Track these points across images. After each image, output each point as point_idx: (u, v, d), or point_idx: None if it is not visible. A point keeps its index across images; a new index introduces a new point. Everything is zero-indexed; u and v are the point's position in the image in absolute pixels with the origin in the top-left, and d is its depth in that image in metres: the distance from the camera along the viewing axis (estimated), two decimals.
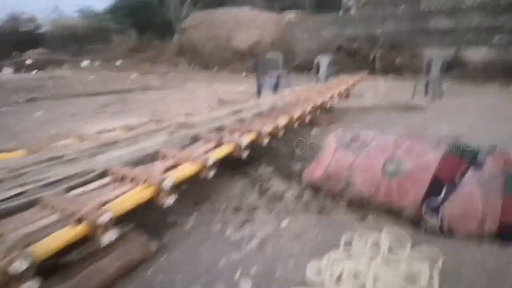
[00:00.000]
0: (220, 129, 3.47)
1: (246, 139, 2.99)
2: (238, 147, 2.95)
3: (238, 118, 3.81)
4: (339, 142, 2.71)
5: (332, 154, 2.66)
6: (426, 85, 7.17)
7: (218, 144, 2.97)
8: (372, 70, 10.69)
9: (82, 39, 19.36)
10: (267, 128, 3.38)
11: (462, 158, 2.33)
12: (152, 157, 2.73)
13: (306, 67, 11.53)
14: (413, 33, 10.94)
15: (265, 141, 3.30)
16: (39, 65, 14.66)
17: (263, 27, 13.60)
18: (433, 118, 5.32)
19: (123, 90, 9.13)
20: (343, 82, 6.34)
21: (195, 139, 3.12)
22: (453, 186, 2.25)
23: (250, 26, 13.80)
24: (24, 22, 20.80)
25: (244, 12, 14.35)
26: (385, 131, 4.96)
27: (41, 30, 21.25)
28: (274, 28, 13.68)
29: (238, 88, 9.23)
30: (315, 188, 2.85)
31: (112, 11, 21.49)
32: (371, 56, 11.11)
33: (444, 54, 7.56)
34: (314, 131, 4.95)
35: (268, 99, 5.21)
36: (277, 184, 3.07)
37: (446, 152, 2.37)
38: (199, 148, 2.89)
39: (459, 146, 2.43)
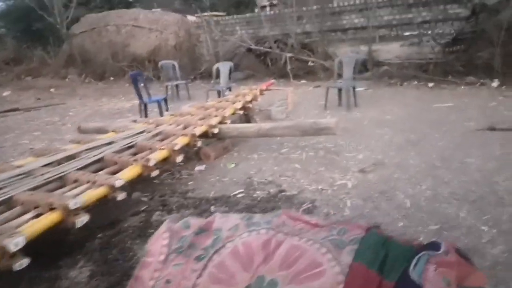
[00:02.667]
0: (6, 204, 2.10)
1: (22, 238, 1.67)
2: (5, 253, 1.62)
3: (57, 173, 2.46)
4: (173, 241, 1.48)
5: (157, 267, 1.42)
6: (339, 92, 6.27)
7: None
8: (285, 75, 9.74)
9: None
10: (84, 198, 2.08)
11: (381, 274, 1.24)
12: None
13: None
14: (326, 32, 10.56)
15: (80, 221, 2.00)
16: None
17: (165, 30, 12.06)
18: (346, 138, 4.33)
19: None
20: (242, 95, 5.16)
21: None
22: None
23: (151, 29, 12.19)
24: None
25: (144, 14, 12.68)
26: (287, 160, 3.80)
27: None
28: (179, 31, 12.22)
29: (126, 104, 7.68)
30: None
31: (4, 15, 18.54)
32: (282, 60, 10.08)
33: (355, 54, 6.74)
34: (199, 167, 3.74)
35: (137, 127, 3.90)
36: None
37: (354, 262, 1.26)
38: None
39: (375, 242, 1.33)
